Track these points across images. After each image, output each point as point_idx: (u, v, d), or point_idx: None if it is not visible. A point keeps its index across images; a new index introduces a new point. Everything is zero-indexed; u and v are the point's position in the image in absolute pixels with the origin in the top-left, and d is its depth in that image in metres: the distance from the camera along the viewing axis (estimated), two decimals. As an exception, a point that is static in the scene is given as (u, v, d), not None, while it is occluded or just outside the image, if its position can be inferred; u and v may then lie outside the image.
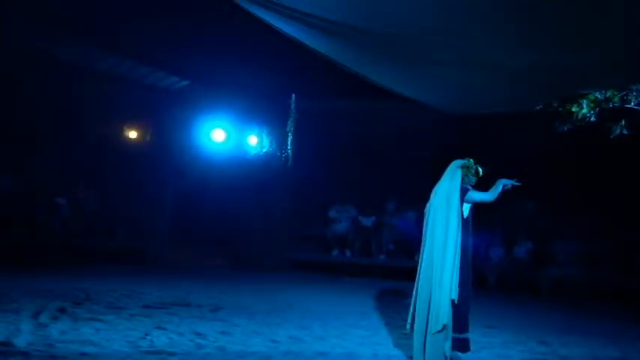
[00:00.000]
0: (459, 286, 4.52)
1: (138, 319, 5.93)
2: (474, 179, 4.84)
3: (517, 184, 4.78)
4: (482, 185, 4.87)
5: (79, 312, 6.01)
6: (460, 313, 4.58)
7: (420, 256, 4.77)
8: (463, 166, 4.81)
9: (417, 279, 4.75)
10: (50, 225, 11.11)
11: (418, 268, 4.77)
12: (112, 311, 6.17)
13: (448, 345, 4.54)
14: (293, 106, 10.62)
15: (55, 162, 11.40)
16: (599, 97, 5.87)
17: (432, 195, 4.81)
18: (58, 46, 8.82)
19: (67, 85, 10.23)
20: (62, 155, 11.40)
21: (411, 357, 4.79)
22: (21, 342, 4.77)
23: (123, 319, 5.88)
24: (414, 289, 4.75)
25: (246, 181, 11.03)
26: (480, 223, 5.11)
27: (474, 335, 4.83)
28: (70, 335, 5.12)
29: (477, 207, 4.89)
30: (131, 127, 12.11)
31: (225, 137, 11.04)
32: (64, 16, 7.32)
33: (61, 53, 9.15)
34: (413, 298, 4.75)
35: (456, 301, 4.51)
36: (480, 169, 4.85)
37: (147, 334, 5.32)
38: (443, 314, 4.48)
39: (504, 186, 4.76)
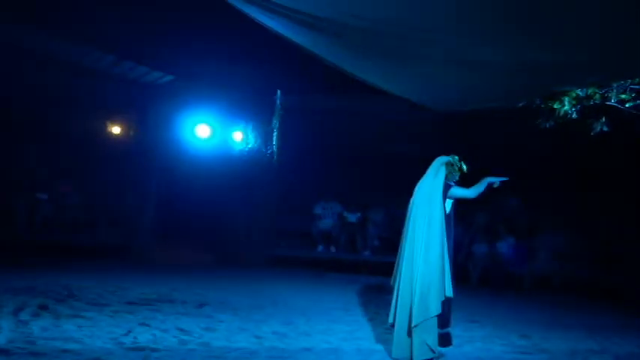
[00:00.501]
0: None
1: (121, 315, 5.88)
2: (457, 176, 4.88)
3: (504, 179, 4.83)
4: (465, 182, 4.92)
5: (61, 309, 5.94)
6: (443, 308, 4.62)
7: (401, 251, 4.79)
8: (447, 163, 4.84)
9: (397, 274, 4.77)
10: (31, 220, 10.97)
11: (399, 263, 4.79)
12: (95, 308, 6.10)
13: (434, 338, 4.57)
14: (278, 102, 10.60)
15: (36, 157, 11.25)
16: (580, 94, 5.96)
17: (415, 191, 4.83)
18: (39, 40, 8.69)
19: (50, 79, 10.09)
20: (43, 150, 11.26)
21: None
22: (1, 339, 4.71)
23: (106, 315, 5.83)
24: (395, 284, 4.77)
25: (230, 176, 11.00)
26: (463, 218, 5.15)
27: (456, 330, 4.88)
28: (52, 332, 5.07)
29: (459, 203, 4.93)
30: (114, 123, 12.04)
31: (210, 133, 10.99)
32: (45, 8, 7.21)
33: (42, 47, 9.01)
34: (394, 294, 4.77)
35: (452, 297, 4.54)
36: (464, 166, 4.89)
37: (130, 331, 5.29)
38: (432, 305, 4.50)
39: (490, 184, 4.80)
